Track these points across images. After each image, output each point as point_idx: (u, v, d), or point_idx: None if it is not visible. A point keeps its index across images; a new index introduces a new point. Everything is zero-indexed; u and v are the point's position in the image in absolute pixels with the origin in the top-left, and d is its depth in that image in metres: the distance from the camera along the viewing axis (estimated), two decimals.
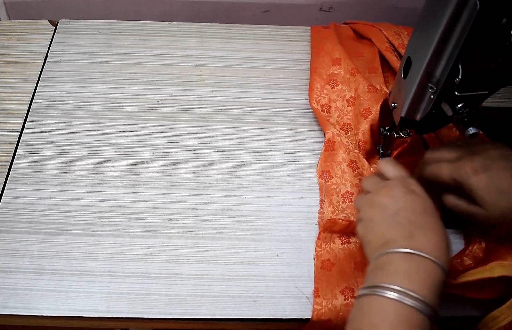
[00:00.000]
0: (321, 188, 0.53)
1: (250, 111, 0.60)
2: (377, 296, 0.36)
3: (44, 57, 0.64)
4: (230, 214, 0.51)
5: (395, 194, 0.41)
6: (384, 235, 0.40)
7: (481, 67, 0.41)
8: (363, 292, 0.37)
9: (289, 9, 0.74)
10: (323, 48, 0.63)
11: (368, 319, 0.36)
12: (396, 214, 0.40)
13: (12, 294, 0.46)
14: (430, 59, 0.41)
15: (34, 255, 0.48)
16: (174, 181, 0.54)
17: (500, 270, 0.41)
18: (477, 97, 0.43)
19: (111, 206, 0.51)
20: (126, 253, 0.48)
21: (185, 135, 0.57)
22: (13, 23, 0.68)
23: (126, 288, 0.46)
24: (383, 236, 0.40)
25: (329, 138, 0.55)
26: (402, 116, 0.46)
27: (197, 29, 0.68)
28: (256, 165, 0.55)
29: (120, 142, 0.56)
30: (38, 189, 0.52)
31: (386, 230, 0.40)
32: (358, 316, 0.37)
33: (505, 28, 0.38)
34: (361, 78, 0.57)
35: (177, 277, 0.47)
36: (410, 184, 0.41)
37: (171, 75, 0.63)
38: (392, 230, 0.39)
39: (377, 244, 0.40)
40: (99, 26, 0.68)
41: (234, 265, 0.48)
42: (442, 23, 0.38)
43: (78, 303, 0.45)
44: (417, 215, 0.39)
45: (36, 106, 0.59)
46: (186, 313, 0.45)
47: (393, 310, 0.35)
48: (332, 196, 0.51)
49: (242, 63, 0.65)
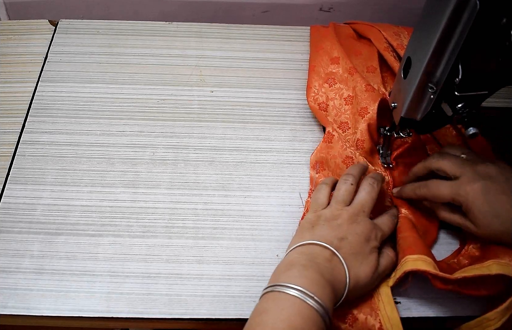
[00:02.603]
0: (311, 180, 0.53)
1: (250, 111, 0.60)
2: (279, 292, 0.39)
3: (44, 57, 0.64)
4: (230, 214, 0.51)
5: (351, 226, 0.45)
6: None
7: (481, 67, 0.41)
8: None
9: (289, 9, 0.74)
10: (322, 46, 0.63)
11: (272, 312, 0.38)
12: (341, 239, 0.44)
13: (12, 294, 0.46)
14: (430, 59, 0.41)
15: (34, 255, 0.48)
16: (174, 181, 0.54)
17: (497, 267, 0.41)
18: (477, 97, 0.43)
19: (111, 206, 0.51)
20: (126, 253, 0.48)
21: (185, 135, 0.57)
22: (13, 23, 0.68)
23: (126, 288, 0.46)
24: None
25: (329, 131, 0.55)
26: (402, 116, 0.46)
27: (197, 29, 0.68)
28: (256, 165, 0.55)
29: (120, 142, 0.56)
30: (38, 189, 0.52)
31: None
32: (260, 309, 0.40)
33: (505, 28, 0.38)
34: (359, 77, 0.57)
35: (177, 277, 0.47)
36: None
37: (171, 75, 0.63)
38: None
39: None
40: (99, 26, 0.68)
41: (234, 265, 0.48)
42: (442, 23, 0.38)
43: (78, 303, 0.45)
44: (356, 246, 0.44)
45: (36, 106, 0.59)
46: (186, 313, 0.45)
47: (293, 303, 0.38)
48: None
49: (242, 63, 0.65)
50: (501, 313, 0.41)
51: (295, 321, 0.37)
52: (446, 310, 0.46)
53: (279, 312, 0.37)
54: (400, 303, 0.46)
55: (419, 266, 0.43)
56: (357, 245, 0.43)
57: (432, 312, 0.46)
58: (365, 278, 0.43)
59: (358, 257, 0.43)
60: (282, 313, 0.37)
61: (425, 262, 0.43)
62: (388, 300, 0.44)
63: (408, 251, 0.45)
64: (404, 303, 0.46)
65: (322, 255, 0.42)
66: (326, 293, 0.39)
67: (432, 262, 0.43)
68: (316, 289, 0.38)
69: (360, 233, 0.44)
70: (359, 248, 0.43)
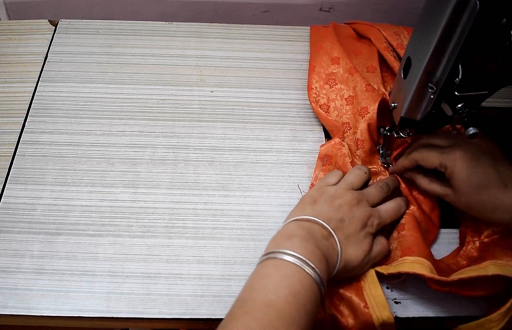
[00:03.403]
0: (315, 169, 0.54)
1: (250, 111, 0.60)
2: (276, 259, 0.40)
3: (44, 57, 0.64)
4: (230, 214, 0.51)
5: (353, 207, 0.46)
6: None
7: (481, 67, 0.41)
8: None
9: (289, 9, 0.74)
10: (322, 46, 0.63)
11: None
12: (340, 220, 0.45)
13: (12, 294, 0.46)
14: (430, 59, 0.41)
15: (34, 255, 0.48)
16: (174, 181, 0.54)
17: (494, 268, 0.41)
18: (477, 97, 0.43)
19: (111, 206, 0.51)
20: (126, 253, 0.48)
21: (185, 135, 0.57)
22: (13, 23, 0.68)
23: (126, 288, 0.46)
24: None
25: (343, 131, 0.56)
26: (402, 116, 0.46)
27: (197, 29, 0.68)
28: (256, 165, 0.55)
29: (120, 142, 0.56)
30: (38, 189, 0.52)
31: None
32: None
33: (505, 28, 0.38)
34: (359, 77, 0.57)
35: (177, 277, 0.47)
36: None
37: (171, 75, 0.63)
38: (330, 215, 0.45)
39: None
40: (99, 26, 0.68)
41: (234, 265, 0.48)
42: (442, 23, 0.38)
43: (78, 303, 0.45)
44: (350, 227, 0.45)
45: (36, 106, 0.59)
46: (186, 313, 0.45)
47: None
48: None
49: (242, 63, 0.65)
50: (503, 315, 0.41)
51: (296, 288, 0.38)
52: (445, 310, 0.46)
53: (281, 278, 0.38)
54: (400, 303, 0.46)
55: (415, 269, 0.43)
56: (353, 229, 0.45)
57: (431, 312, 0.46)
58: (355, 260, 0.44)
59: (352, 240, 0.44)
60: (284, 279, 0.38)
61: (422, 265, 0.43)
62: (372, 279, 0.45)
63: (408, 252, 0.45)
64: (404, 303, 0.46)
65: (320, 232, 0.43)
66: (323, 265, 0.40)
67: (430, 265, 0.43)
68: (314, 260, 0.40)
69: (357, 216, 0.45)
70: (354, 232, 0.45)
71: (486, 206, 0.43)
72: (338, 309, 0.45)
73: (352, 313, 0.44)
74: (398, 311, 0.46)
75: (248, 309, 0.37)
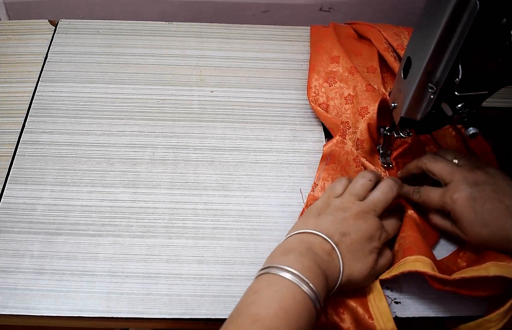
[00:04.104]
0: (318, 170, 0.53)
1: (250, 111, 0.60)
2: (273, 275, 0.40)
3: (44, 57, 0.64)
4: (230, 214, 0.51)
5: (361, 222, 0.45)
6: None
7: (481, 67, 0.41)
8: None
9: (289, 9, 0.74)
10: (322, 46, 0.63)
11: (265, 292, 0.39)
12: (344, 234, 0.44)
13: (12, 294, 0.46)
14: (430, 59, 0.41)
15: (34, 255, 0.48)
16: (174, 181, 0.54)
17: (495, 269, 0.41)
18: (477, 97, 0.43)
19: (111, 206, 0.51)
20: (126, 253, 0.48)
21: (185, 135, 0.57)
22: (13, 23, 0.68)
23: (126, 288, 0.46)
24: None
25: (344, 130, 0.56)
26: (402, 116, 0.46)
27: (197, 29, 0.68)
28: (256, 165, 0.55)
29: (120, 142, 0.56)
30: (38, 189, 0.52)
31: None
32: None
33: (505, 28, 0.38)
34: (359, 77, 0.57)
35: (177, 277, 0.47)
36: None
37: (171, 75, 0.63)
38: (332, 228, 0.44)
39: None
40: (99, 26, 0.68)
41: (234, 265, 0.48)
42: (442, 23, 0.38)
43: (78, 303, 0.45)
44: (358, 244, 0.44)
45: (36, 106, 0.59)
46: (186, 313, 0.45)
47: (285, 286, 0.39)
48: (327, 181, 0.52)
49: (242, 63, 0.65)
50: (502, 315, 0.41)
51: (287, 303, 0.37)
52: (446, 310, 0.46)
53: (273, 293, 0.38)
54: (400, 303, 0.46)
55: (417, 267, 0.43)
56: (358, 243, 0.43)
57: (432, 312, 0.46)
58: (358, 276, 0.43)
59: (356, 255, 0.43)
60: (275, 294, 0.38)
61: (423, 263, 0.43)
62: (377, 291, 0.45)
63: (409, 251, 0.45)
64: (404, 303, 0.46)
65: (321, 247, 0.43)
66: (320, 281, 0.40)
67: (431, 263, 0.43)
68: (309, 275, 0.39)
69: (364, 230, 0.44)
70: (360, 246, 0.43)
71: (498, 239, 0.43)
72: (340, 317, 0.44)
73: (355, 322, 0.44)
74: (398, 311, 0.46)
75: (238, 324, 0.37)
